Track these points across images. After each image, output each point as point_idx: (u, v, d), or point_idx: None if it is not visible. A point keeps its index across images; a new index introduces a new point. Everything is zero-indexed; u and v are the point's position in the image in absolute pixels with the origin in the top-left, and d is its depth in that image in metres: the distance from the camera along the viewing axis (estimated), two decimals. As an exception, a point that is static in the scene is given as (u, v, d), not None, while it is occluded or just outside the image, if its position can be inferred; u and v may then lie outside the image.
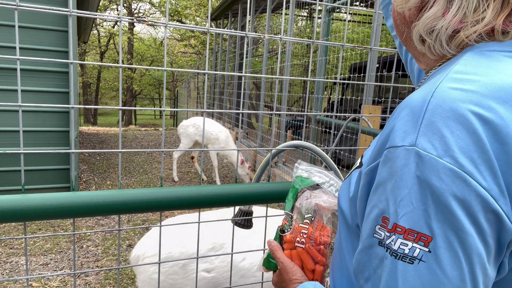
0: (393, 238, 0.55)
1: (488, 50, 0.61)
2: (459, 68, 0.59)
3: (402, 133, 0.56)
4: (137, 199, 1.05)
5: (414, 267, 0.53)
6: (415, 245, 0.53)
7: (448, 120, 0.53)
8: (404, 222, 0.53)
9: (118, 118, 25.38)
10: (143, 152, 7.67)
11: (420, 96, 0.57)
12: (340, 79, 3.78)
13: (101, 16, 1.01)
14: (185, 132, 6.20)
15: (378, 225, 0.57)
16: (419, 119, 0.55)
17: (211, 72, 1.08)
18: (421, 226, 0.52)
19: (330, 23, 4.90)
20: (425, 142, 0.53)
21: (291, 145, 1.25)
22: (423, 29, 0.65)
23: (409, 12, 0.67)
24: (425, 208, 0.52)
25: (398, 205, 0.54)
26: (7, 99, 4.47)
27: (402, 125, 0.56)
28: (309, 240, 0.85)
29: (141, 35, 27.33)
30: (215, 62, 12.43)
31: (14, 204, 0.94)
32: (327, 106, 7.98)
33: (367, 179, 0.63)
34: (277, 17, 11.31)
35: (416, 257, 0.53)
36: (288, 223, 0.89)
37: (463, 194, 0.50)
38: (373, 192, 0.60)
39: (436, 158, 0.52)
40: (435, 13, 0.62)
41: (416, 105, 0.56)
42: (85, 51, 21.79)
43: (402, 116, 0.57)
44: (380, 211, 0.57)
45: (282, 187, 1.25)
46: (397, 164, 0.55)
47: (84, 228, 4.15)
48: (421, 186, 0.52)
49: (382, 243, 0.56)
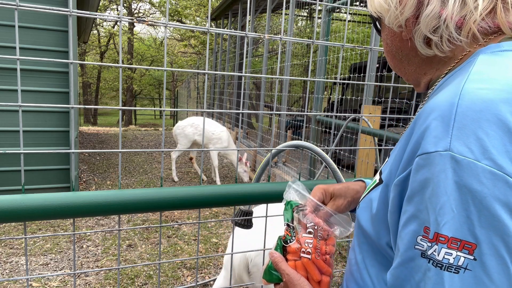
0: (435, 248, 0.53)
1: (500, 50, 0.61)
2: (479, 69, 0.58)
3: (433, 138, 0.54)
4: (137, 199, 1.05)
5: (459, 277, 0.51)
6: (459, 254, 0.51)
7: (480, 121, 0.51)
8: (447, 230, 0.51)
9: (118, 118, 25.37)
10: (143, 152, 7.67)
11: (446, 100, 0.56)
12: (340, 79, 3.78)
13: (101, 16, 1.01)
14: (182, 133, 6.19)
15: (420, 235, 0.55)
16: (449, 122, 0.53)
17: (211, 72, 1.08)
18: (464, 233, 0.50)
19: (330, 23, 4.90)
20: (460, 145, 0.51)
21: (291, 145, 1.25)
22: (426, 29, 0.65)
23: (407, 22, 0.67)
24: (467, 214, 0.50)
25: (438, 213, 0.52)
26: (7, 99, 4.47)
27: (432, 131, 0.55)
28: (315, 250, 0.83)
29: (141, 35, 27.34)
30: (215, 62, 12.42)
31: (14, 204, 0.94)
32: (327, 106, 7.98)
33: (398, 190, 0.61)
34: (277, 17, 11.31)
35: (461, 266, 0.50)
36: (291, 234, 0.86)
37: (506, 196, 0.49)
38: (408, 202, 0.57)
39: (474, 162, 0.50)
40: (433, 9, 0.63)
41: (444, 109, 0.55)
42: (85, 51, 21.79)
43: (430, 121, 0.56)
44: (420, 221, 0.55)
45: (282, 187, 1.25)
46: (432, 170, 0.53)
47: (84, 228, 4.15)
48: (460, 191, 0.51)
49: (424, 254, 0.54)
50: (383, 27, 0.75)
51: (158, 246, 3.76)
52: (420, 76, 0.74)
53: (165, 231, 4.16)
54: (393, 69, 0.80)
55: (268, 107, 9.73)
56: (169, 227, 4.22)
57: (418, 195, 0.55)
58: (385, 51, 0.78)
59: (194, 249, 3.71)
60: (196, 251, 1.19)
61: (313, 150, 1.24)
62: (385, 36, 0.75)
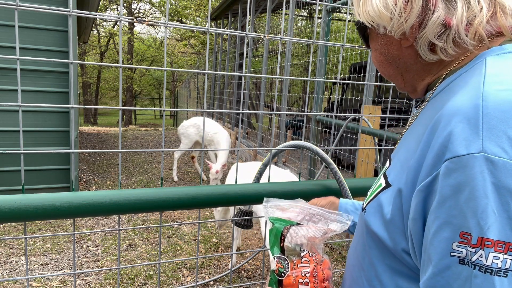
0: (481, 253, 0.51)
1: (505, 52, 0.62)
2: (494, 71, 0.59)
3: (463, 141, 0.53)
4: (137, 199, 1.05)
5: (508, 280, 0.50)
6: (506, 256, 0.50)
7: (509, 121, 0.52)
8: (492, 234, 0.51)
9: (118, 118, 25.38)
10: (143, 152, 7.67)
11: (468, 102, 0.56)
12: (340, 79, 3.78)
13: (101, 16, 1.01)
14: (185, 132, 6.25)
15: (456, 242, 0.53)
16: (478, 124, 0.53)
17: (211, 72, 1.08)
18: (507, 235, 0.50)
19: (330, 23, 4.90)
20: (494, 146, 0.51)
21: (291, 145, 1.25)
22: (432, 35, 0.65)
23: (411, 29, 0.67)
24: (508, 215, 0.50)
25: (480, 217, 0.51)
26: (7, 99, 4.47)
27: (460, 133, 0.54)
28: (313, 278, 0.80)
29: (141, 35, 27.35)
30: (215, 62, 12.42)
31: (14, 204, 0.94)
32: (327, 106, 7.98)
33: (422, 196, 0.59)
34: (277, 17, 11.32)
35: (509, 269, 0.50)
36: (283, 266, 0.82)
37: None
38: (439, 208, 0.56)
39: (509, 162, 0.50)
40: (439, 16, 0.63)
41: (469, 112, 0.55)
42: (85, 51, 21.79)
43: (455, 124, 0.55)
44: (454, 227, 0.53)
45: (282, 187, 1.25)
46: (467, 173, 0.52)
47: (84, 228, 4.15)
48: (499, 193, 0.50)
49: (464, 261, 0.53)
50: (375, 36, 0.74)
51: (158, 246, 3.76)
52: (417, 82, 0.74)
53: (165, 231, 4.16)
54: (388, 78, 0.79)
55: (268, 107, 9.73)
56: (169, 227, 4.23)
57: (451, 200, 0.54)
58: (377, 61, 0.77)
59: (194, 249, 3.71)
60: (196, 251, 1.20)
61: (313, 150, 1.24)
62: (379, 46, 0.74)
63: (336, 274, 3.14)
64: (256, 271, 3.40)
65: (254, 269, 3.44)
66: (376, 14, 0.69)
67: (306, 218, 0.89)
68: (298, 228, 0.85)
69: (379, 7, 0.68)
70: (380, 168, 3.01)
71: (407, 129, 0.77)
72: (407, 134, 0.74)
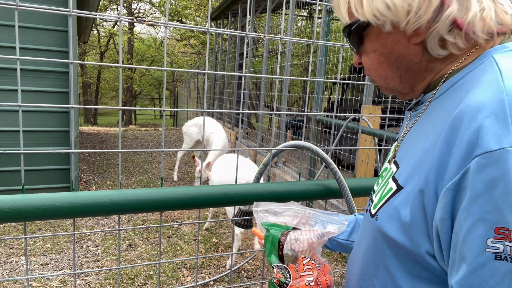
0: None
1: (509, 50, 0.63)
2: (506, 67, 0.60)
3: (494, 136, 0.53)
4: (137, 199, 1.05)
5: None
6: None
7: None
8: None
9: (118, 118, 25.38)
10: (143, 152, 7.67)
11: (491, 98, 0.56)
12: (340, 79, 3.78)
13: (101, 16, 1.01)
14: (188, 131, 6.33)
15: (491, 238, 0.53)
16: (506, 119, 0.53)
17: (211, 72, 1.08)
18: None
19: (330, 23, 4.90)
20: None
21: (291, 145, 1.25)
22: (443, 29, 0.64)
23: (427, 23, 0.65)
24: None
25: None
26: (7, 99, 4.47)
27: (489, 129, 0.54)
28: (317, 286, 0.77)
29: (141, 35, 27.34)
30: (215, 62, 12.42)
31: (14, 204, 0.94)
32: (327, 106, 7.97)
33: (451, 195, 0.58)
34: (277, 17, 11.32)
35: None
36: (284, 276, 0.79)
37: None
38: (471, 205, 0.55)
39: None
40: (452, 11, 0.63)
41: (495, 107, 0.55)
42: (85, 51, 21.79)
43: (482, 120, 0.55)
44: (489, 223, 0.53)
45: (282, 187, 1.25)
46: (501, 168, 0.52)
47: (84, 228, 4.15)
48: None
49: (501, 256, 0.53)
50: (376, 36, 0.70)
51: (158, 246, 3.76)
52: (417, 82, 0.73)
53: (165, 231, 4.16)
54: (382, 81, 0.75)
55: (268, 107, 9.73)
56: (169, 227, 4.22)
57: (484, 196, 0.53)
58: (374, 63, 0.73)
59: (194, 249, 3.71)
60: (196, 251, 1.19)
61: (313, 150, 1.24)
62: (379, 46, 0.70)
63: (336, 274, 3.14)
64: (256, 271, 3.40)
65: (254, 269, 3.44)
66: (390, 9, 0.65)
67: (302, 221, 0.85)
68: (296, 234, 0.82)
69: (395, 1, 0.64)
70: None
71: (409, 131, 0.75)
72: (411, 136, 0.73)
